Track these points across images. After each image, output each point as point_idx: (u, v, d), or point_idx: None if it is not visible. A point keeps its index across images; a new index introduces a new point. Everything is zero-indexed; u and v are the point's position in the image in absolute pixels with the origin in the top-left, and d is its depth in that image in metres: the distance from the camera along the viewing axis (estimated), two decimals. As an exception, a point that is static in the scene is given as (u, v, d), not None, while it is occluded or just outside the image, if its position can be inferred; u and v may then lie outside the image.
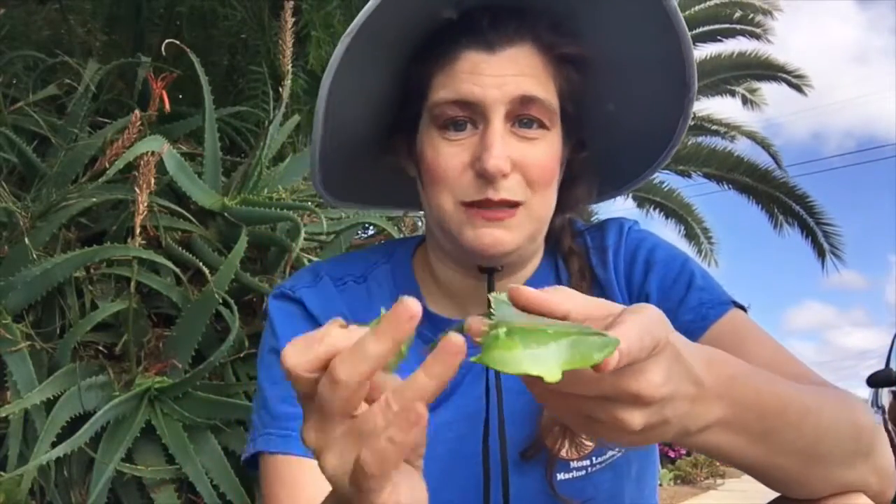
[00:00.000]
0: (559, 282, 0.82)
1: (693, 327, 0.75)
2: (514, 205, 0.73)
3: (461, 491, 0.78)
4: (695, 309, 0.76)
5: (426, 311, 0.80)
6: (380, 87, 0.80)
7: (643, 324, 0.45)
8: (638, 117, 0.81)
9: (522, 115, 0.72)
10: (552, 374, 0.37)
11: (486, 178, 0.71)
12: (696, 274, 0.79)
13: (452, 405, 0.79)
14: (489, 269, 0.78)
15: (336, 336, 0.42)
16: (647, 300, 0.79)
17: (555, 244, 0.84)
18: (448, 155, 0.73)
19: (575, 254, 0.83)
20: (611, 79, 0.78)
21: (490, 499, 0.76)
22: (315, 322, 0.79)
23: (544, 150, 0.74)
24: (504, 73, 0.71)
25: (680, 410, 0.49)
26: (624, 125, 0.82)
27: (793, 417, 0.56)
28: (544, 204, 0.76)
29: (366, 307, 0.81)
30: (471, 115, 0.73)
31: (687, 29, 0.72)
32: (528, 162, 0.72)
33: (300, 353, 0.42)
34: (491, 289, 0.77)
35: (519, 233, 0.74)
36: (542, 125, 0.73)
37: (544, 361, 0.38)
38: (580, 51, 0.75)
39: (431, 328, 0.80)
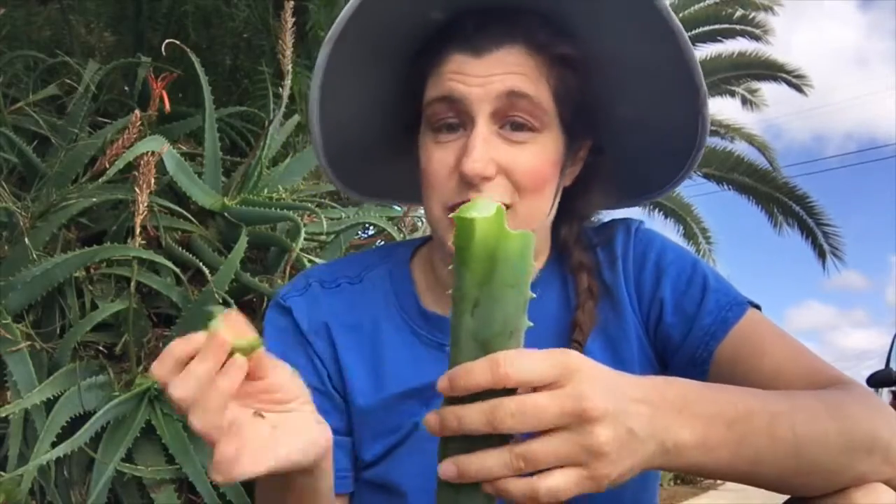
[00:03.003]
0: (566, 295, 0.81)
1: (714, 330, 0.74)
2: None
3: None
4: (713, 312, 0.75)
5: (421, 310, 0.81)
6: (385, 90, 0.80)
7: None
8: (655, 122, 0.79)
9: (510, 116, 0.71)
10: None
11: (467, 181, 0.70)
12: (708, 276, 0.78)
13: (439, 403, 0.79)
14: None
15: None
16: (661, 306, 0.78)
17: (564, 255, 0.82)
18: (436, 160, 0.72)
19: (585, 269, 0.80)
20: (619, 81, 0.77)
21: None
22: (300, 332, 0.81)
23: (534, 154, 0.72)
24: (490, 73, 0.70)
25: (642, 422, 0.51)
26: (642, 130, 0.80)
27: (761, 422, 0.56)
28: (535, 209, 0.74)
29: (360, 306, 0.82)
30: (458, 114, 0.72)
31: (683, 29, 0.70)
32: (516, 166, 0.71)
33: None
34: None
35: None
36: (531, 128, 0.72)
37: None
38: (575, 51, 0.73)
39: (427, 326, 0.81)
